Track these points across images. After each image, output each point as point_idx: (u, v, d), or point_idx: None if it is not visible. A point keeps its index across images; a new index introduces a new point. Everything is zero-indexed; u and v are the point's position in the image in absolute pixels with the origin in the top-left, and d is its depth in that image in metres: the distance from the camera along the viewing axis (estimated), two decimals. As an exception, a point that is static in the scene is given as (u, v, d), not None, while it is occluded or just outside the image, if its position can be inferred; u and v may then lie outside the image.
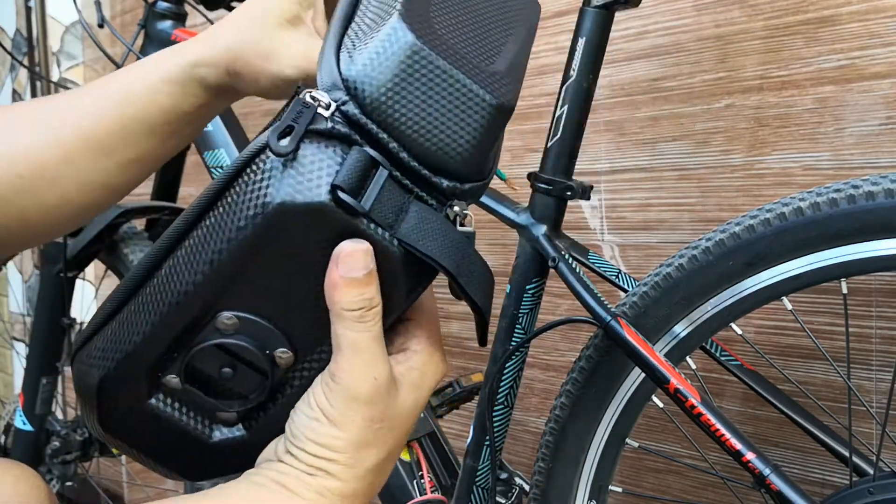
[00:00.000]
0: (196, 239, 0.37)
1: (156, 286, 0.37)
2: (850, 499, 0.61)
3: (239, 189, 0.35)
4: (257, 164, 0.35)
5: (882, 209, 0.57)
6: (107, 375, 0.38)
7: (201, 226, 0.37)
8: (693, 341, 0.67)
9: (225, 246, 0.35)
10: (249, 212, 0.35)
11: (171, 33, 0.98)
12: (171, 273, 0.37)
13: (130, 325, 0.38)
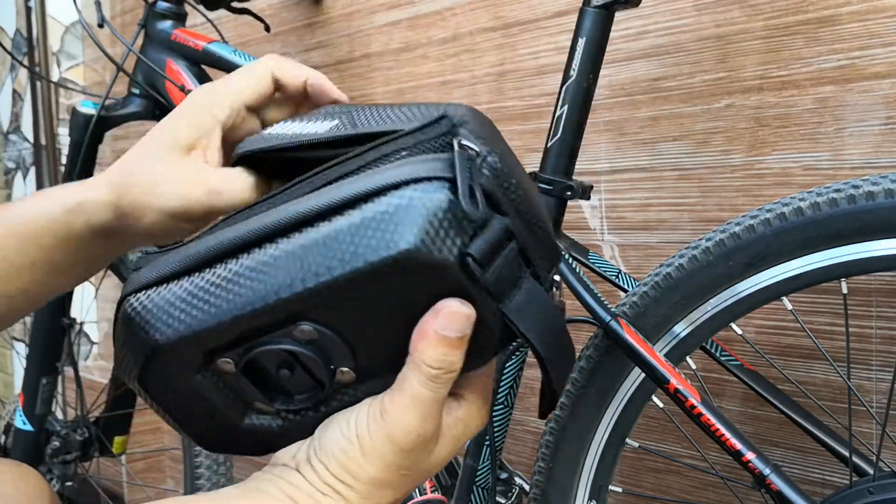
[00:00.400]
0: (309, 242, 0.34)
1: (247, 271, 0.35)
2: (850, 499, 0.61)
3: (380, 216, 0.33)
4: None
5: (882, 209, 0.57)
6: (165, 343, 0.35)
7: (320, 228, 0.34)
8: (693, 341, 0.67)
9: (339, 266, 0.33)
10: (382, 244, 0.33)
11: (171, 33, 0.98)
12: (269, 266, 0.34)
13: (208, 302, 0.35)
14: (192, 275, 0.36)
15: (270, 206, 0.37)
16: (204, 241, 0.37)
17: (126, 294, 0.37)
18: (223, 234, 0.36)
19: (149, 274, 0.37)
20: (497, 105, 1.03)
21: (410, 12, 1.12)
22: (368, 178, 0.34)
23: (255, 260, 0.35)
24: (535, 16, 0.98)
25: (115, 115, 1.01)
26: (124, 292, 0.37)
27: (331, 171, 0.37)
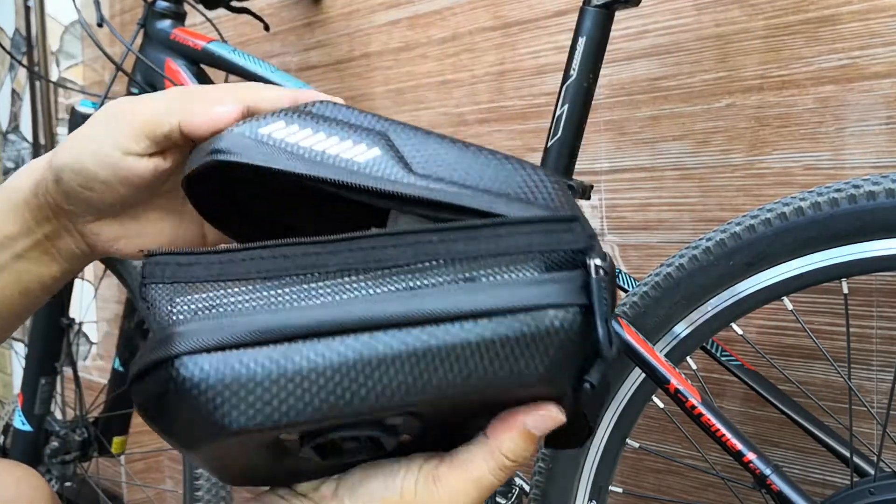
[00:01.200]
0: (433, 346, 0.30)
1: (354, 362, 0.30)
2: (850, 499, 0.61)
3: (517, 338, 0.31)
4: (553, 322, 0.31)
5: (883, 209, 0.57)
6: (239, 430, 0.29)
7: (447, 332, 0.30)
8: (693, 341, 0.67)
9: (462, 381, 0.31)
10: (515, 367, 0.31)
11: (170, 32, 0.98)
12: (382, 362, 0.30)
13: (299, 391, 0.29)
14: (273, 346, 0.30)
15: (361, 267, 0.32)
16: (285, 301, 0.31)
17: (179, 352, 0.30)
18: (313, 304, 0.30)
19: (209, 331, 0.30)
20: (497, 104, 1.03)
21: (410, 11, 1.12)
22: (502, 289, 0.31)
23: (365, 349, 0.30)
24: (535, 15, 0.98)
25: (114, 114, 1.01)
26: (176, 349, 0.30)
27: (435, 245, 0.32)
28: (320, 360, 0.30)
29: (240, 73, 0.93)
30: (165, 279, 0.32)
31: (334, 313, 0.30)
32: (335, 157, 0.34)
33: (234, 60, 0.93)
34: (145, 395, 0.30)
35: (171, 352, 0.29)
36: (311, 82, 1.23)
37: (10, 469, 0.54)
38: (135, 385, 0.31)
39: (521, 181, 0.35)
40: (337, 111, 0.36)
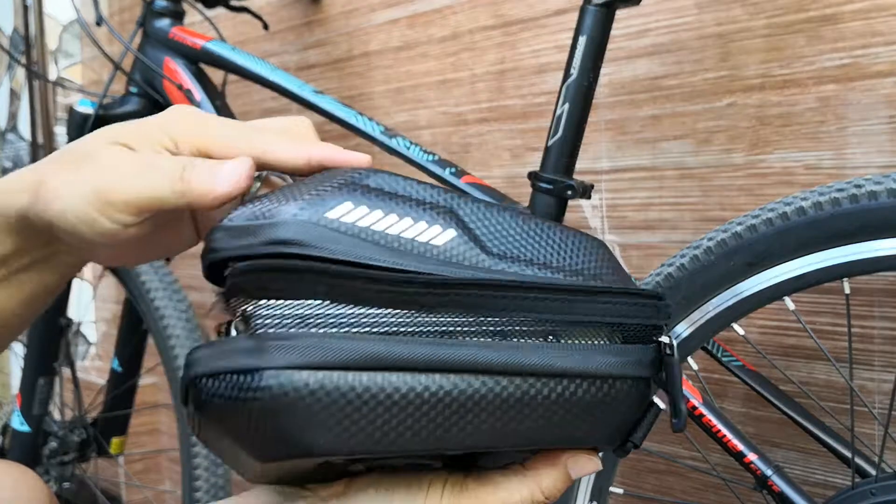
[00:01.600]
0: (518, 398, 0.32)
1: (447, 400, 0.31)
2: (852, 500, 0.61)
3: (596, 402, 0.34)
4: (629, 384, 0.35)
5: (885, 209, 0.56)
6: (321, 451, 0.29)
7: (533, 387, 0.32)
8: (694, 342, 0.66)
9: (539, 435, 0.33)
10: (591, 429, 0.34)
11: (169, 31, 0.97)
12: (473, 405, 0.31)
13: (392, 423, 0.30)
14: (378, 372, 0.30)
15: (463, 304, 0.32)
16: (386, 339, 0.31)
17: (281, 366, 0.29)
18: (416, 339, 0.31)
19: (309, 349, 0.30)
20: (497, 104, 1.03)
21: (409, 10, 1.11)
22: (584, 353, 0.33)
23: (468, 388, 0.31)
24: (536, 14, 0.98)
25: (113, 113, 1.01)
26: (276, 361, 0.29)
27: (532, 301, 0.33)
28: (406, 396, 0.30)
29: (239, 73, 0.93)
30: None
31: (440, 352, 0.31)
32: (413, 242, 0.33)
33: (233, 59, 0.93)
34: (215, 396, 0.30)
35: (270, 363, 0.29)
36: (310, 81, 1.23)
37: (8, 470, 0.54)
38: (204, 382, 0.30)
39: (586, 256, 0.36)
40: (395, 184, 0.35)
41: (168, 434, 1.67)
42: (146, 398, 1.62)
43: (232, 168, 0.36)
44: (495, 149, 1.03)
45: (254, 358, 0.29)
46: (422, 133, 1.11)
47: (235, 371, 0.29)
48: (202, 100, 0.94)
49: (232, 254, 0.33)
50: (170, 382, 1.07)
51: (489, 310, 0.33)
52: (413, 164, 0.80)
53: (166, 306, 1.08)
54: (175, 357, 1.05)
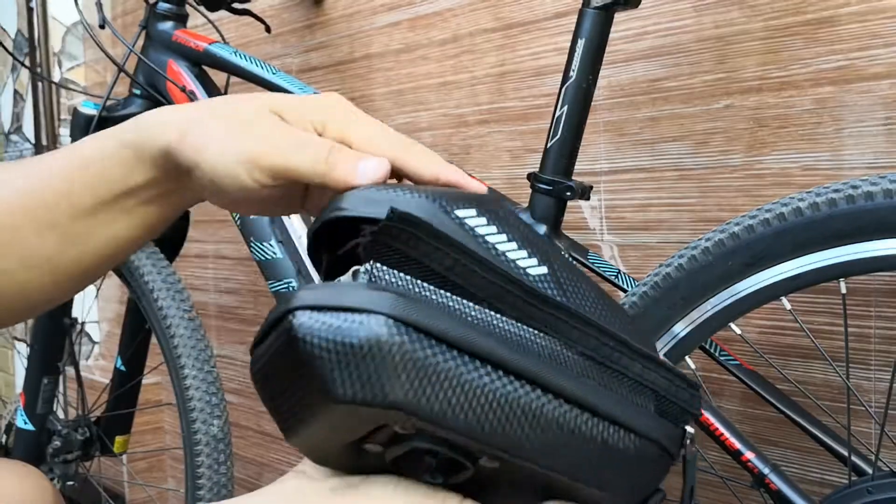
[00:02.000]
0: (568, 429, 0.35)
1: (503, 402, 0.33)
2: (848, 498, 0.62)
3: (630, 460, 0.37)
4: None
5: (881, 209, 0.57)
6: (395, 404, 0.31)
7: (582, 424, 0.35)
8: (692, 341, 0.67)
9: (575, 469, 0.36)
10: (620, 481, 0.37)
11: (172, 34, 0.98)
12: (528, 417, 0.34)
13: (461, 400, 0.32)
14: (455, 352, 0.33)
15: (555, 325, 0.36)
16: (474, 322, 0.34)
17: (393, 315, 0.32)
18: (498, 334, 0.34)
19: (420, 310, 0.32)
20: (497, 106, 1.03)
21: (410, 13, 1.12)
22: (631, 409, 0.37)
23: (525, 399, 0.34)
24: (535, 17, 0.99)
25: (117, 115, 1.02)
26: (389, 310, 0.32)
27: (607, 349, 0.38)
28: (493, 387, 0.33)
29: (241, 75, 0.94)
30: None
31: (526, 363, 0.34)
32: (514, 263, 0.38)
33: (235, 62, 0.93)
34: (320, 327, 0.32)
35: (384, 310, 0.32)
36: (312, 84, 1.24)
37: (14, 469, 0.54)
38: (309, 313, 0.32)
39: (639, 333, 0.42)
40: (511, 216, 0.39)
41: (171, 433, 1.67)
42: (149, 397, 1.63)
43: (374, 165, 0.39)
44: (495, 150, 1.04)
45: (369, 302, 0.32)
46: (422, 135, 1.12)
47: (348, 309, 0.32)
48: (205, 102, 0.95)
49: (362, 214, 0.36)
50: (173, 381, 1.07)
51: (570, 340, 0.36)
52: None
53: (169, 306, 1.09)
54: (178, 356, 1.05)
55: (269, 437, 1.48)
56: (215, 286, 1.54)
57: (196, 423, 1.02)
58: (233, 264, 1.49)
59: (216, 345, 1.54)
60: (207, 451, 1.02)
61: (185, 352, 1.05)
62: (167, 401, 1.64)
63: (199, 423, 1.02)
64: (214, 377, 1.06)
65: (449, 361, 0.32)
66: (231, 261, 1.49)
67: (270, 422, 1.47)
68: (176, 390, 1.06)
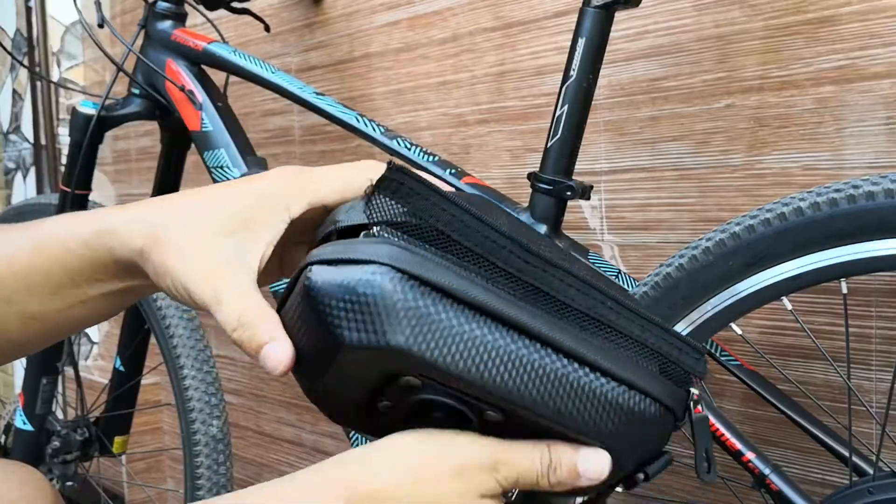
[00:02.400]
0: (569, 379, 0.37)
1: (511, 354, 0.36)
2: (849, 498, 0.61)
3: (630, 414, 0.39)
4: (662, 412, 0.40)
5: (882, 209, 0.57)
6: (400, 348, 0.34)
7: (583, 375, 0.37)
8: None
9: (572, 417, 0.38)
10: (621, 438, 0.39)
11: (171, 33, 0.98)
12: (529, 368, 0.36)
13: (467, 351, 0.35)
14: (456, 304, 0.35)
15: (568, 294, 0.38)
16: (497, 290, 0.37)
17: (399, 268, 0.35)
18: (503, 295, 0.36)
19: (427, 266, 0.35)
20: (497, 105, 1.03)
21: (410, 12, 1.12)
22: (632, 366, 0.39)
23: (526, 352, 0.36)
24: (535, 16, 0.98)
25: (115, 115, 1.02)
26: (397, 263, 0.34)
27: (606, 309, 0.39)
28: (492, 338, 0.35)
29: (240, 74, 0.93)
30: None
31: (522, 315, 0.36)
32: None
33: (234, 61, 0.93)
34: (340, 277, 0.35)
35: (391, 262, 0.35)
36: (311, 83, 1.24)
37: (13, 469, 0.54)
38: (326, 266, 0.36)
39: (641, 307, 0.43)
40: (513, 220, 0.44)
41: (170, 433, 1.67)
42: (148, 397, 1.62)
43: (275, 350, 0.40)
44: (495, 150, 1.04)
45: (373, 254, 0.35)
46: (422, 134, 1.12)
47: (355, 261, 0.35)
48: (204, 101, 0.95)
49: (355, 223, 0.39)
50: (172, 382, 1.07)
51: (567, 297, 0.38)
52: (414, 165, 0.81)
53: (168, 306, 1.09)
54: (177, 356, 1.05)
55: (269, 437, 1.48)
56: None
57: (195, 424, 1.02)
58: (232, 264, 1.48)
59: (215, 345, 1.54)
60: (206, 451, 1.02)
61: (185, 352, 1.04)
62: (166, 401, 1.64)
63: (198, 423, 1.02)
64: (213, 377, 1.06)
65: (447, 310, 0.35)
66: (230, 261, 1.49)
67: (270, 422, 1.47)
68: (175, 391, 1.06)
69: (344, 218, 0.39)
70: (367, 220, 0.37)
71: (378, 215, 0.37)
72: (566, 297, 0.38)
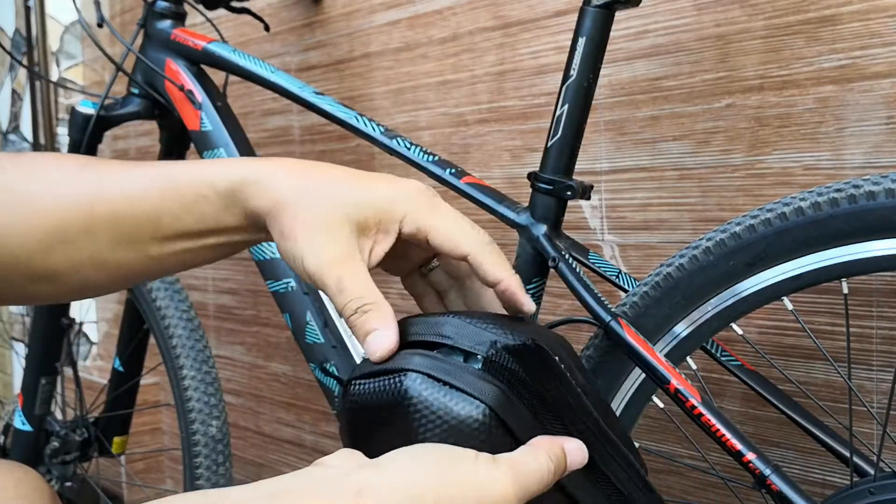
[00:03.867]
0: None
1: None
2: (850, 499, 0.61)
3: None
4: None
5: (883, 209, 0.57)
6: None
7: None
8: (693, 341, 0.66)
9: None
10: None
11: (170, 33, 0.98)
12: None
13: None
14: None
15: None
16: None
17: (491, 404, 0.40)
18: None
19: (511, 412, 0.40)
20: (497, 105, 1.03)
21: (410, 12, 1.12)
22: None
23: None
24: (536, 15, 0.98)
25: (115, 114, 1.01)
26: (492, 398, 0.40)
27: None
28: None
29: (240, 74, 0.93)
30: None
31: (574, 484, 0.44)
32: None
33: (234, 61, 0.93)
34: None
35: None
36: (311, 82, 1.23)
37: (11, 470, 0.54)
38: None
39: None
40: (580, 365, 0.49)
41: (169, 433, 1.67)
42: (147, 397, 1.62)
43: (379, 338, 0.43)
44: (495, 150, 1.04)
45: (476, 389, 0.40)
46: (422, 134, 1.12)
47: (457, 388, 0.40)
48: (203, 101, 0.94)
49: (462, 346, 0.43)
50: (171, 382, 1.07)
51: (616, 477, 0.46)
52: (414, 165, 0.80)
53: (168, 306, 1.08)
54: (177, 357, 1.05)
55: (268, 437, 1.48)
56: (214, 286, 1.53)
57: (195, 424, 1.02)
58: (231, 264, 1.48)
59: (215, 345, 1.54)
60: (206, 451, 1.02)
61: (184, 352, 1.04)
62: (165, 401, 1.64)
63: (197, 423, 1.02)
64: (213, 378, 1.06)
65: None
66: (230, 261, 1.49)
67: (269, 422, 1.47)
68: (174, 391, 1.06)
69: (455, 338, 0.42)
70: (476, 352, 0.41)
71: (493, 357, 0.41)
72: (608, 468, 0.45)
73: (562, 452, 0.41)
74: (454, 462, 0.38)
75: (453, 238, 0.46)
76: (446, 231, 0.46)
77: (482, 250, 0.47)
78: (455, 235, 0.46)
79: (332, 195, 0.45)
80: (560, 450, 0.41)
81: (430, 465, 0.37)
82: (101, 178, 0.46)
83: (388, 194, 0.46)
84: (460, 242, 0.46)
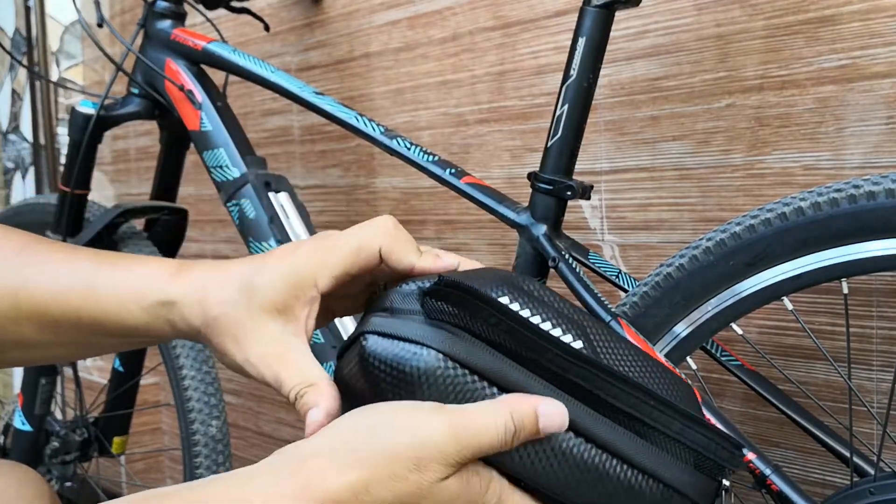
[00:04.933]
0: (594, 470, 0.40)
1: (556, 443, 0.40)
2: (850, 499, 0.61)
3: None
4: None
5: (883, 209, 0.57)
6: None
7: (610, 467, 0.40)
8: (693, 341, 0.67)
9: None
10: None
11: (170, 33, 0.98)
12: (560, 457, 0.40)
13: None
14: (498, 388, 0.40)
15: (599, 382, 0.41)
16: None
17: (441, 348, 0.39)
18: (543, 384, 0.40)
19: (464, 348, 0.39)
20: (497, 105, 1.03)
21: (410, 11, 1.12)
22: (665, 460, 0.41)
23: (566, 443, 0.40)
24: (536, 15, 0.98)
25: (115, 114, 1.01)
26: (440, 342, 0.39)
27: (647, 407, 0.42)
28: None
29: (240, 74, 0.93)
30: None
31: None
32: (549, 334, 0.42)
33: (234, 60, 0.93)
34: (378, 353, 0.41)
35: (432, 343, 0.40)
36: (311, 82, 1.23)
37: (11, 470, 0.54)
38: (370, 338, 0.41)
39: (679, 393, 0.46)
40: (543, 292, 0.44)
41: (169, 433, 1.67)
42: (147, 398, 1.62)
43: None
44: (495, 150, 1.04)
45: (425, 336, 0.40)
46: (422, 134, 1.12)
47: (408, 339, 0.40)
48: (203, 101, 0.94)
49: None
50: (171, 382, 1.07)
51: (608, 395, 0.41)
52: (414, 164, 0.80)
53: (168, 306, 1.08)
54: (176, 357, 1.05)
55: (268, 437, 1.48)
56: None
57: (194, 424, 1.02)
58: (231, 264, 1.48)
59: (215, 345, 1.54)
60: (206, 451, 1.02)
61: (184, 352, 1.04)
62: (165, 401, 1.64)
63: (197, 423, 1.02)
64: (213, 378, 1.06)
65: (485, 390, 0.39)
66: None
67: (269, 423, 1.47)
68: (174, 391, 1.06)
69: (400, 306, 0.42)
70: (421, 310, 0.41)
71: (431, 311, 0.41)
72: (608, 395, 0.41)
73: (531, 412, 0.39)
74: (394, 411, 0.39)
75: (358, 255, 0.46)
76: (348, 254, 0.46)
77: (388, 246, 0.47)
78: (358, 252, 0.46)
79: (253, 297, 0.45)
80: (529, 409, 0.39)
81: (368, 418, 0.39)
82: (30, 268, 0.48)
83: (290, 270, 0.46)
84: (364, 252, 0.46)
